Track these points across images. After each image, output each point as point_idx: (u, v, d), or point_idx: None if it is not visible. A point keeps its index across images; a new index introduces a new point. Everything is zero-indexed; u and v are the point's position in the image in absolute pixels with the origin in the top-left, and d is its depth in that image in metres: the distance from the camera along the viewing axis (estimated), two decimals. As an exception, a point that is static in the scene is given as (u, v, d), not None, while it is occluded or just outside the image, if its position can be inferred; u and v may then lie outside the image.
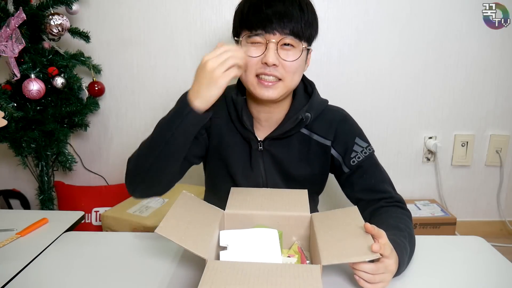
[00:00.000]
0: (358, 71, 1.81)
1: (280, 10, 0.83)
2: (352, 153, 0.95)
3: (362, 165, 0.95)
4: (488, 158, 1.92)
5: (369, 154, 0.96)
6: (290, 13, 0.84)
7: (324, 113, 0.97)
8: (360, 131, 0.99)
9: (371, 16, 1.75)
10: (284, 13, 0.83)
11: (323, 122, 0.96)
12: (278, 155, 0.97)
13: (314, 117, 0.95)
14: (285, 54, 0.86)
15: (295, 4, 0.85)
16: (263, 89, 0.87)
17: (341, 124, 0.97)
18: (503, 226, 2.00)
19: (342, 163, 0.96)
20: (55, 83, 1.51)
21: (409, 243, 0.78)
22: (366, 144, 0.97)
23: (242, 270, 0.62)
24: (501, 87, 1.84)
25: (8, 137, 1.48)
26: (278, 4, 0.83)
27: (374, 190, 0.94)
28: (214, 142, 0.99)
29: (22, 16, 1.35)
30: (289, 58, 0.86)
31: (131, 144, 1.90)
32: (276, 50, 0.84)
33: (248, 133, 0.95)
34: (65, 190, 1.85)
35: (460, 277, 0.76)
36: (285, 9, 0.83)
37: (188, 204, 0.79)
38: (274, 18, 0.83)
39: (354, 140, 0.96)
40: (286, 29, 0.84)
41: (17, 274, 0.76)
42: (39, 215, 1.01)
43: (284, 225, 0.82)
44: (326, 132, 0.96)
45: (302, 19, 0.85)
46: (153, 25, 1.76)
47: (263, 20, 0.83)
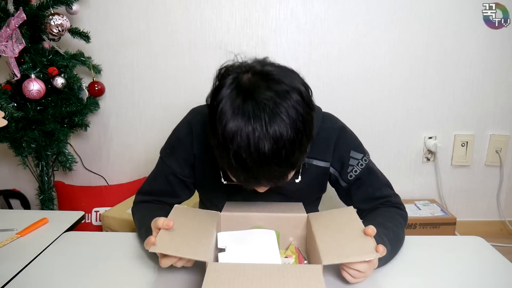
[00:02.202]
0: (358, 71, 1.81)
1: (270, 181, 0.74)
2: (348, 167, 0.92)
3: (360, 177, 0.93)
4: (488, 158, 1.92)
5: (365, 166, 0.92)
6: (278, 182, 0.74)
7: (319, 134, 0.89)
8: (355, 142, 0.95)
9: (371, 16, 1.75)
10: (275, 183, 0.75)
11: (320, 144, 0.90)
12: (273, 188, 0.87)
13: (314, 139, 0.85)
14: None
15: (283, 176, 0.74)
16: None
17: (337, 141, 0.92)
18: (503, 226, 2.00)
19: (339, 178, 0.94)
20: (55, 83, 1.51)
21: (391, 242, 0.78)
22: (361, 155, 0.93)
23: (243, 272, 0.62)
24: (501, 87, 1.84)
25: (8, 137, 1.48)
26: (264, 181, 0.73)
27: (372, 199, 0.94)
28: (200, 175, 0.96)
29: (22, 16, 1.35)
30: (280, 184, 0.77)
31: (131, 144, 1.92)
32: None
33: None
34: (65, 190, 1.85)
35: (460, 277, 0.76)
36: (275, 180, 0.74)
37: (181, 216, 0.79)
38: (264, 183, 0.75)
39: (349, 155, 0.92)
40: (275, 186, 0.78)
41: (17, 274, 0.76)
42: (39, 215, 1.01)
43: (281, 226, 0.82)
44: (324, 155, 0.91)
45: (288, 174, 0.75)
46: (153, 25, 1.76)
47: (252, 186, 0.77)
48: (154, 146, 1.80)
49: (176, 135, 0.97)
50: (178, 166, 0.94)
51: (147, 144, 1.90)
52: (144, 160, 1.92)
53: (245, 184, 0.75)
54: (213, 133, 0.71)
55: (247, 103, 0.67)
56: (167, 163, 0.95)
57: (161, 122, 1.86)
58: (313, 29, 1.77)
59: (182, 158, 0.94)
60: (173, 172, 0.94)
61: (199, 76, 1.80)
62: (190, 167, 0.95)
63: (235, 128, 0.66)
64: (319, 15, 1.76)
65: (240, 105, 0.67)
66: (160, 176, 0.97)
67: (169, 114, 1.84)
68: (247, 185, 0.75)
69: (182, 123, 0.97)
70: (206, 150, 0.91)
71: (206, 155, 0.92)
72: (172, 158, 0.95)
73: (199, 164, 0.94)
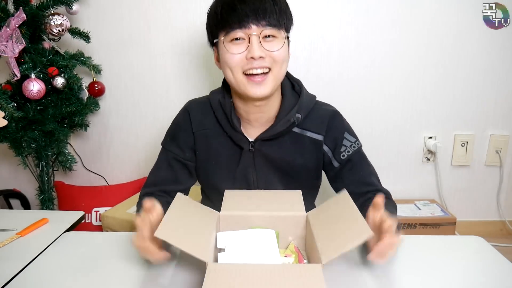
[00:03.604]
0: (358, 71, 1.81)
1: (253, 4, 0.84)
2: (341, 147, 0.97)
3: (351, 159, 0.97)
4: (488, 158, 1.92)
5: (357, 148, 0.98)
6: (263, 6, 0.85)
7: (314, 110, 0.98)
8: (348, 126, 1.01)
9: (371, 16, 1.75)
10: (258, 7, 0.85)
11: (315, 118, 0.98)
12: (271, 154, 0.98)
13: (305, 115, 0.96)
14: (269, 45, 0.87)
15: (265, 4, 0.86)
16: (254, 86, 0.88)
17: (332, 119, 0.99)
18: (503, 226, 2.00)
19: (332, 158, 0.99)
20: (55, 83, 1.51)
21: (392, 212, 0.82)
22: (354, 139, 0.99)
23: (243, 272, 0.62)
24: (501, 87, 1.84)
25: (8, 137, 1.48)
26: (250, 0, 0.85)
27: (362, 183, 0.97)
28: (202, 155, 1.01)
29: (22, 16, 1.35)
30: (274, 48, 0.87)
31: (131, 144, 1.92)
32: (260, 43, 0.85)
33: (238, 135, 0.96)
34: (65, 190, 1.85)
35: (460, 277, 0.76)
36: (259, 3, 0.85)
37: (183, 207, 0.79)
38: (249, 12, 0.84)
39: (343, 135, 0.98)
40: (263, 21, 0.85)
41: (17, 274, 0.76)
42: (39, 215, 1.01)
43: (280, 225, 0.82)
44: (318, 128, 0.98)
45: (275, 9, 0.87)
46: (153, 25, 1.76)
47: (239, 16, 0.84)
48: (154, 146, 1.81)
49: (175, 122, 1.05)
50: (180, 150, 1.00)
51: (147, 144, 1.90)
52: (144, 160, 1.92)
53: (230, 18, 0.84)
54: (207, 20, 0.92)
55: None
56: (169, 149, 1.01)
57: (161, 122, 1.86)
58: (314, 29, 1.77)
59: (183, 141, 1.01)
60: (175, 157, 1.00)
61: (200, 76, 1.81)
62: (191, 150, 1.01)
63: None
64: (319, 15, 1.76)
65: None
66: (163, 163, 1.02)
67: (169, 114, 1.82)
68: (233, 20, 0.84)
69: (179, 112, 1.05)
70: (204, 127, 0.99)
71: (204, 132, 0.99)
72: (173, 144, 1.01)
73: (199, 143, 1.00)
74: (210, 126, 0.99)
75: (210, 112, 0.99)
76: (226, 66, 0.89)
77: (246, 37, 0.86)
